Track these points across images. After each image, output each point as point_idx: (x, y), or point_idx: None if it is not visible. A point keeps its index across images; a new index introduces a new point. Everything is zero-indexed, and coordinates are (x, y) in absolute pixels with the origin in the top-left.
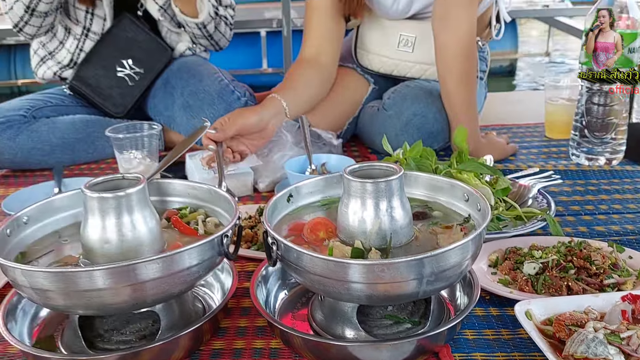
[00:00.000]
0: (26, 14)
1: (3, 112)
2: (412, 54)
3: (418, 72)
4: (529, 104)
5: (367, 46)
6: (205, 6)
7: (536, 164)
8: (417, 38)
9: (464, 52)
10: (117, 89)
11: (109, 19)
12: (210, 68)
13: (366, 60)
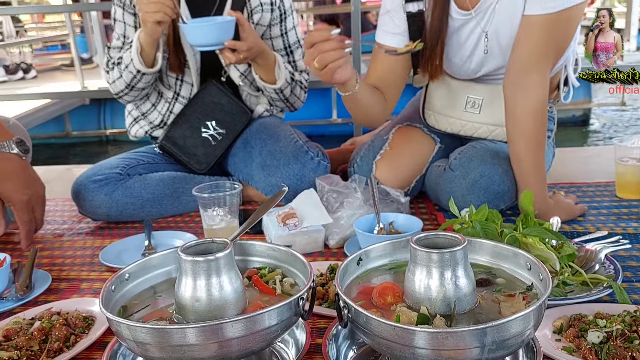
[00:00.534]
0: (126, 88)
1: (102, 170)
2: (478, 116)
3: (484, 133)
4: (599, 161)
5: (435, 107)
6: (283, 73)
7: (605, 225)
8: (484, 100)
9: (536, 117)
10: (202, 148)
11: (196, 85)
12: (287, 129)
13: (433, 120)
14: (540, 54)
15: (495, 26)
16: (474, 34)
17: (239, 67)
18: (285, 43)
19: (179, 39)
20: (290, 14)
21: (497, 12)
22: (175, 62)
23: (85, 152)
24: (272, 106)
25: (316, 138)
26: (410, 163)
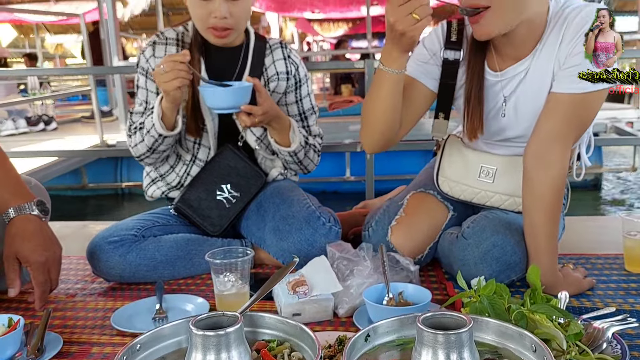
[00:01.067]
0: (148, 151)
1: (118, 231)
2: (492, 185)
3: (497, 202)
4: (608, 231)
5: (449, 174)
6: (297, 136)
7: (614, 301)
8: (498, 170)
9: (555, 190)
10: (216, 210)
11: (213, 149)
12: (299, 194)
13: (447, 187)
14: (564, 131)
15: (517, 94)
16: (499, 97)
17: (255, 132)
18: (300, 109)
19: (198, 103)
20: (305, 82)
21: (523, 81)
22: (193, 126)
23: (100, 205)
24: (287, 169)
25: (329, 195)
26: (425, 229)
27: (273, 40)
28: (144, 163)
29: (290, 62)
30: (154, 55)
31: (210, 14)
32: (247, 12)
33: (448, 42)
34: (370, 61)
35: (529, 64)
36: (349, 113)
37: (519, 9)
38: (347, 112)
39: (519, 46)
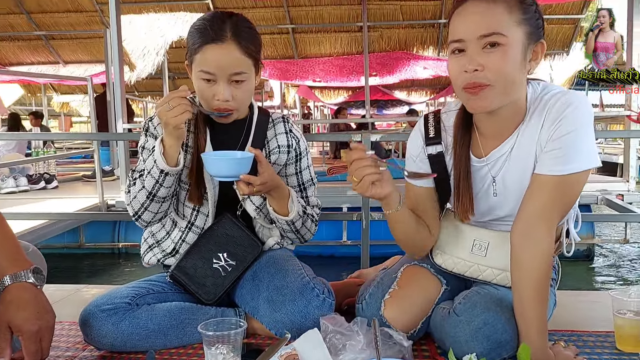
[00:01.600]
0: (147, 199)
1: (112, 299)
2: (484, 259)
3: (489, 276)
4: (600, 307)
5: (443, 247)
6: (295, 206)
7: None
8: (490, 244)
9: (543, 267)
10: (211, 278)
11: (211, 216)
12: (295, 264)
13: (440, 260)
14: (548, 210)
15: (504, 174)
16: (486, 179)
17: (255, 201)
18: (300, 181)
19: (202, 170)
20: (305, 155)
21: (508, 161)
22: (195, 193)
23: (96, 264)
24: (283, 238)
25: (325, 259)
26: (418, 303)
27: (276, 115)
28: (142, 221)
29: (292, 136)
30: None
31: (214, 96)
32: (250, 93)
33: (427, 138)
34: (368, 133)
35: (511, 145)
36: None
37: (510, 90)
38: (346, 178)
39: (502, 127)
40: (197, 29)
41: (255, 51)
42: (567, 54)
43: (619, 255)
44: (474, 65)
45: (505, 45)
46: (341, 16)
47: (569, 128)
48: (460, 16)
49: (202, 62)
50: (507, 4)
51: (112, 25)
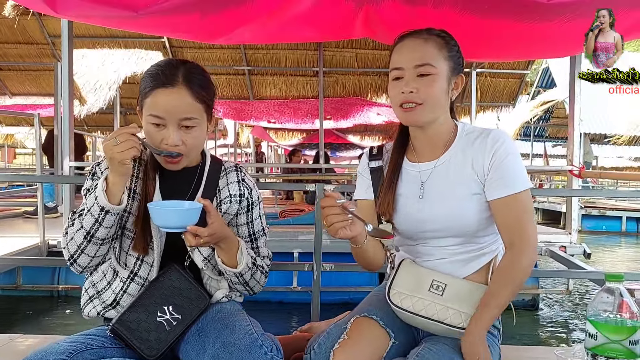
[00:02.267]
0: (85, 240)
1: (46, 355)
2: (441, 297)
3: (443, 315)
4: None
5: (401, 288)
6: (244, 258)
7: None
8: (448, 285)
9: (526, 272)
10: (155, 332)
11: (156, 267)
12: (243, 319)
13: (398, 299)
14: (521, 226)
15: (431, 181)
16: (416, 182)
17: (203, 252)
18: (250, 231)
19: (149, 219)
20: (257, 204)
21: (437, 175)
22: (140, 243)
23: (33, 307)
24: (232, 290)
25: (274, 305)
26: (367, 355)
27: (228, 164)
28: (77, 265)
29: (244, 186)
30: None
31: (162, 140)
32: (201, 140)
33: (370, 155)
34: (321, 185)
35: (443, 162)
36: (300, 222)
37: (436, 109)
38: (298, 222)
39: (433, 145)
40: (149, 74)
41: (208, 97)
42: (513, 106)
43: (563, 306)
44: (410, 88)
45: (434, 74)
46: (297, 60)
47: (505, 154)
48: (401, 49)
49: (151, 105)
50: (437, 43)
51: (64, 59)
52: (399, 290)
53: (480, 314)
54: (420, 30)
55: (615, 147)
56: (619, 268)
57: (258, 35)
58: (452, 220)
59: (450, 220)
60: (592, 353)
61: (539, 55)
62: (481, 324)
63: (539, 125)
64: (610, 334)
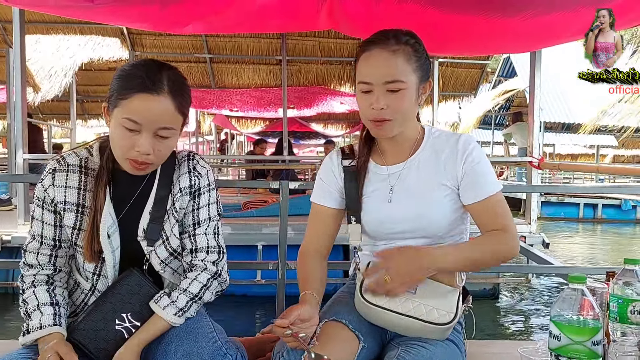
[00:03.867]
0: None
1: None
2: (414, 295)
3: (419, 311)
4: (510, 358)
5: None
6: (168, 316)
7: None
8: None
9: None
10: (113, 342)
11: (111, 280)
12: (206, 325)
13: (371, 297)
14: (502, 221)
15: (400, 185)
16: (384, 184)
17: (160, 254)
18: (195, 219)
19: (98, 233)
20: (207, 190)
21: (405, 178)
22: (91, 256)
23: None
24: None
25: (238, 297)
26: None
27: (182, 154)
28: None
29: (195, 175)
30: (53, 184)
31: (133, 146)
32: (171, 149)
33: (343, 154)
34: (286, 182)
35: (410, 166)
36: (263, 214)
37: (406, 122)
38: (261, 213)
39: (399, 149)
40: (129, 74)
41: (187, 109)
42: (475, 96)
43: (522, 295)
44: (380, 105)
45: (404, 89)
46: (260, 49)
47: (478, 158)
48: (368, 61)
49: (130, 109)
50: (405, 55)
51: (16, 44)
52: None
53: (449, 249)
54: (388, 38)
55: (571, 135)
56: (577, 254)
57: (221, 25)
58: (424, 222)
59: (421, 222)
60: (556, 354)
61: (501, 51)
62: (443, 256)
63: (499, 114)
64: (573, 335)
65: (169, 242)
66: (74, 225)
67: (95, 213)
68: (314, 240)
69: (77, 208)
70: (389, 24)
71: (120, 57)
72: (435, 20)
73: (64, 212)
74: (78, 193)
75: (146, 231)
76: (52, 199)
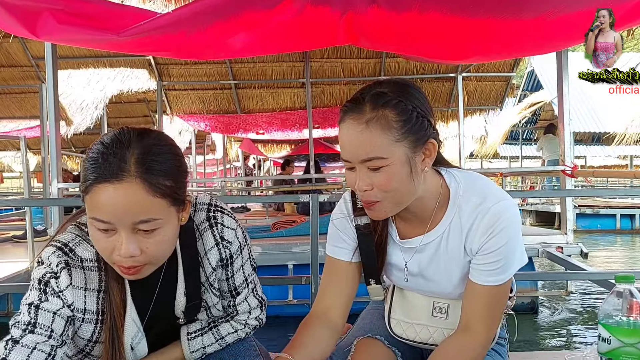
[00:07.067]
0: None
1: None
2: (446, 320)
3: None
4: None
5: (401, 316)
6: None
7: None
8: (450, 306)
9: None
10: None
11: None
12: (251, 348)
13: (400, 330)
14: (486, 312)
15: (418, 263)
16: (400, 261)
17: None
18: (231, 286)
19: (120, 345)
20: (238, 255)
21: (421, 248)
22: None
23: None
24: None
25: (270, 319)
26: None
27: (199, 217)
28: None
29: (224, 246)
30: (71, 283)
31: (113, 250)
32: (169, 243)
33: (355, 209)
34: (315, 195)
35: (430, 241)
36: (292, 234)
37: (403, 199)
38: (290, 233)
39: (415, 220)
40: (88, 158)
41: (175, 186)
42: (501, 109)
43: (561, 307)
44: (363, 186)
45: (387, 165)
46: (283, 73)
47: (502, 241)
48: (342, 135)
49: (93, 206)
50: (380, 125)
51: (49, 81)
52: (399, 320)
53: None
54: (363, 102)
55: (604, 147)
56: (617, 266)
57: (243, 48)
58: (444, 297)
59: (445, 297)
60: (607, 358)
61: (527, 52)
62: None
63: (527, 128)
64: (624, 337)
65: (210, 312)
66: (89, 338)
67: (113, 317)
68: (326, 301)
69: (96, 317)
70: (411, 35)
71: (149, 88)
72: (458, 27)
73: (82, 322)
74: (97, 297)
75: (185, 312)
76: (69, 303)
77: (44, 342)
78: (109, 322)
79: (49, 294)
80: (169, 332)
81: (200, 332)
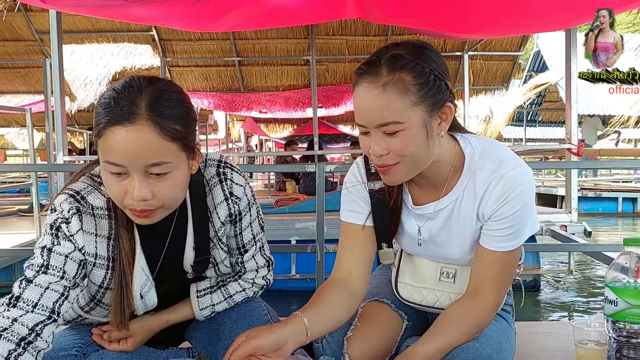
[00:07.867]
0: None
1: (55, 352)
2: (453, 285)
3: None
4: (557, 337)
5: (408, 280)
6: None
7: None
8: (457, 271)
9: (485, 322)
10: None
11: None
12: (260, 308)
13: (407, 293)
14: (497, 276)
15: (429, 229)
16: (412, 225)
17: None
18: (239, 243)
19: (128, 293)
20: (247, 212)
21: (435, 214)
22: (117, 320)
23: None
24: None
25: (273, 293)
26: (381, 342)
27: (209, 172)
28: None
29: (233, 201)
30: (82, 229)
31: (125, 193)
32: (180, 187)
33: (368, 174)
34: (322, 166)
35: (444, 207)
36: (295, 211)
37: (420, 163)
38: (293, 210)
39: (429, 185)
40: (100, 103)
41: (185, 131)
42: (506, 89)
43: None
44: (379, 151)
45: (403, 130)
46: (287, 50)
47: (515, 207)
48: (357, 99)
49: (106, 150)
50: (399, 88)
51: (54, 55)
52: (406, 283)
53: (430, 343)
54: (379, 65)
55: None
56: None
57: (249, 20)
58: (457, 263)
59: (454, 263)
60: (613, 320)
61: (536, 29)
62: (427, 352)
63: (531, 109)
64: (630, 298)
65: (218, 268)
66: (100, 284)
67: (122, 265)
68: (345, 265)
69: (107, 264)
70: (421, 6)
71: (152, 65)
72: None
73: (93, 267)
74: (108, 244)
75: (194, 267)
76: (80, 247)
77: (56, 282)
78: (119, 270)
79: (61, 238)
80: (177, 290)
81: (209, 290)
